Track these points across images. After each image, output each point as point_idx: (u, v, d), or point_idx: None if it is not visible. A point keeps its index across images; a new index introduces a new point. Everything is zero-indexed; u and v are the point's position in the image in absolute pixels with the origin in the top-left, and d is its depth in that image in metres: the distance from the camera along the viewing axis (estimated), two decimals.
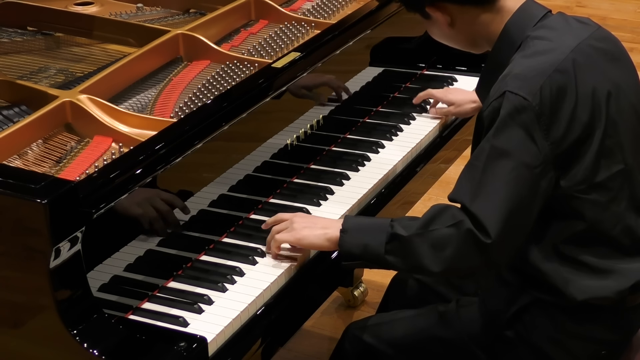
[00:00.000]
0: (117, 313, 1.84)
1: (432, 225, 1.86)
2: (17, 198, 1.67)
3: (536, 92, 1.81)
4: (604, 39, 1.98)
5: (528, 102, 1.80)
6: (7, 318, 1.80)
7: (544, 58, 1.87)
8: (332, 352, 2.25)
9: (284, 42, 2.49)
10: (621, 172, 1.91)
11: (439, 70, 2.91)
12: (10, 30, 2.57)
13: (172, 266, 1.99)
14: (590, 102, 1.86)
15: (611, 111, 1.89)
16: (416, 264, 1.88)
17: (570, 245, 1.91)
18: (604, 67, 1.92)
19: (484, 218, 1.81)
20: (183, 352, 1.73)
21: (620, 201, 1.91)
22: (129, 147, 1.96)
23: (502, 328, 2.01)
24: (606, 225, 1.91)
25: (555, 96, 1.83)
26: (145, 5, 2.73)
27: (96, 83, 2.16)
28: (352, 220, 1.98)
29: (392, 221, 1.92)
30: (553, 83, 1.83)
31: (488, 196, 1.82)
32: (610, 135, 1.88)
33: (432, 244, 1.85)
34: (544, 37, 1.92)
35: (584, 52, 1.90)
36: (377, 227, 1.93)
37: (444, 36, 2.07)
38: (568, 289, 1.92)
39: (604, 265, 1.92)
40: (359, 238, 1.93)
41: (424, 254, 1.86)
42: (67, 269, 1.70)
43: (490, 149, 1.83)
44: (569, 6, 5.91)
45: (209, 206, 2.09)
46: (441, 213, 1.87)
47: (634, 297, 1.95)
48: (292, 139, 2.34)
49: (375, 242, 1.91)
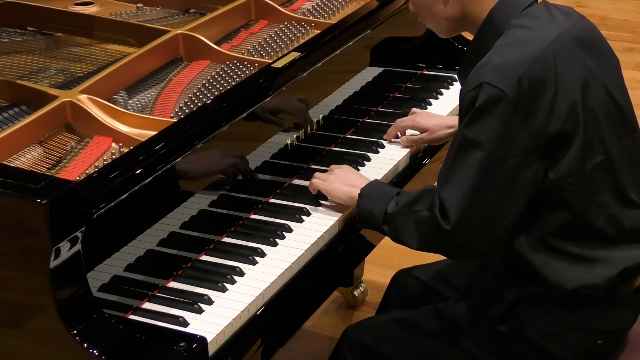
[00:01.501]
0: (117, 313, 1.84)
1: (415, 205, 1.97)
2: (17, 198, 1.67)
3: (514, 83, 1.82)
4: (585, 30, 1.97)
5: (504, 94, 1.81)
6: (7, 318, 1.80)
7: (524, 48, 1.87)
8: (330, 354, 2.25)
9: (284, 42, 2.49)
10: (603, 162, 1.91)
11: (439, 70, 2.91)
12: (10, 30, 2.57)
13: (172, 266, 1.99)
14: (570, 92, 1.86)
15: (590, 102, 1.89)
16: (400, 238, 2.01)
17: (557, 237, 1.92)
18: (584, 58, 1.92)
19: (448, 205, 1.89)
20: (183, 352, 1.73)
21: (603, 192, 1.92)
22: (129, 147, 1.96)
23: (496, 324, 2.02)
24: (591, 216, 1.92)
25: (534, 87, 1.83)
26: (145, 5, 2.73)
27: (96, 83, 2.16)
28: (371, 185, 2.12)
29: (397, 194, 2.04)
30: (532, 74, 1.83)
31: (454, 184, 1.88)
32: (590, 126, 1.89)
33: (412, 223, 1.96)
34: (526, 26, 1.92)
35: (565, 43, 1.90)
36: (384, 197, 2.05)
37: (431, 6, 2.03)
38: (557, 278, 1.92)
39: (590, 255, 1.93)
40: (368, 204, 2.07)
41: (405, 231, 1.99)
42: (67, 269, 1.70)
43: (462, 139, 1.87)
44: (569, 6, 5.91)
45: (209, 206, 2.10)
46: (425, 195, 1.96)
47: (626, 286, 1.96)
48: (292, 139, 2.34)
49: (378, 211, 2.04)
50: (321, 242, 2.11)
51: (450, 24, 2.04)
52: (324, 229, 2.13)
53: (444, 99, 2.76)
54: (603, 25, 5.62)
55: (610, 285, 1.93)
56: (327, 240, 2.13)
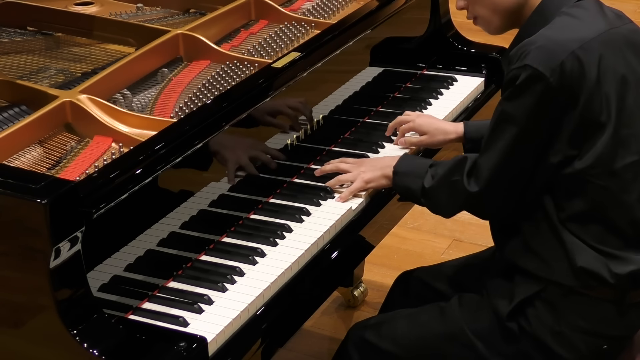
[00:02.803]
0: (117, 313, 1.84)
1: (451, 175, 2.05)
2: (17, 198, 1.67)
3: (556, 67, 1.85)
4: (635, 32, 2.00)
5: (545, 77, 1.85)
6: (7, 318, 1.80)
7: (571, 34, 1.90)
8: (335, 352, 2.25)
9: (284, 42, 2.49)
10: (636, 163, 1.93)
11: (439, 70, 2.91)
12: (10, 30, 2.57)
13: (172, 266, 1.99)
14: (611, 86, 1.89)
15: (629, 101, 1.92)
16: (438, 209, 2.13)
17: (577, 224, 1.94)
18: (630, 57, 1.94)
19: (480, 169, 1.98)
20: (183, 352, 1.73)
21: (631, 192, 1.93)
22: (129, 147, 1.96)
23: (504, 321, 2.03)
24: (613, 214, 1.93)
25: (575, 73, 1.86)
26: (145, 5, 2.73)
27: (96, 83, 2.16)
28: (403, 161, 2.19)
29: (430, 166, 2.11)
30: (575, 60, 1.86)
31: (489, 153, 1.97)
32: (626, 124, 1.91)
33: (449, 192, 2.06)
34: (576, 15, 1.95)
35: (612, 38, 1.93)
36: (418, 171, 2.13)
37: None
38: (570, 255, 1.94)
39: (605, 249, 1.94)
40: (404, 181, 2.16)
41: (443, 202, 2.10)
42: (67, 269, 1.70)
43: (501, 113, 1.94)
44: None
45: (209, 206, 2.10)
46: (459, 164, 2.05)
47: (635, 293, 1.96)
48: (292, 139, 2.34)
49: (415, 187, 2.13)
50: (321, 242, 2.11)
51: (505, 17, 2.05)
52: (324, 229, 2.13)
53: (444, 99, 2.76)
54: None
55: (618, 285, 1.93)
56: (327, 241, 2.13)
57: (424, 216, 3.55)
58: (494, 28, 2.10)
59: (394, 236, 3.04)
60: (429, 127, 2.45)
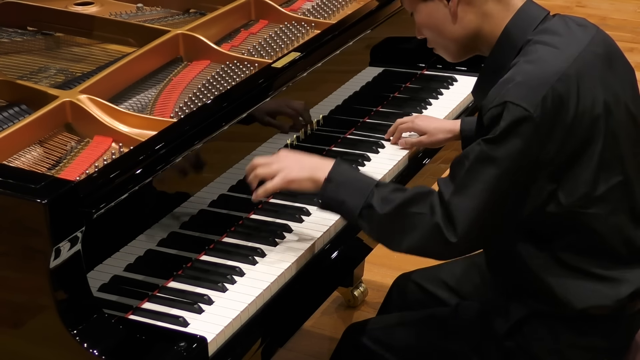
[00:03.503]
0: (117, 313, 1.84)
1: (409, 207, 1.88)
2: (17, 198, 1.67)
3: (538, 102, 1.79)
4: (602, 43, 1.95)
5: (529, 114, 1.78)
6: (7, 318, 1.80)
7: (547, 66, 1.84)
8: (332, 352, 2.25)
9: (284, 42, 2.49)
10: (620, 183, 1.89)
11: (439, 70, 2.91)
12: (10, 30, 2.57)
13: (172, 266, 1.99)
14: (590, 114, 1.84)
15: (611, 124, 1.87)
16: (383, 238, 1.95)
17: (570, 253, 1.91)
18: (605, 76, 1.90)
19: (457, 216, 1.83)
20: (183, 352, 1.73)
21: (619, 213, 1.90)
22: (129, 147, 1.96)
23: (501, 338, 2.01)
24: (605, 237, 1.90)
25: (557, 107, 1.81)
26: (145, 5, 2.73)
27: (96, 83, 2.16)
28: (340, 170, 1.98)
29: (376, 186, 1.93)
30: (555, 93, 1.81)
31: (466, 197, 1.83)
32: (610, 147, 1.87)
33: (403, 225, 1.88)
34: (547, 43, 1.89)
35: (586, 61, 1.88)
36: (360, 188, 1.94)
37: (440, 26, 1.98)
38: (567, 297, 1.91)
39: (602, 274, 1.91)
40: (340, 193, 1.95)
41: (392, 233, 1.91)
42: (67, 269, 1.70)
43: (480, 153, 1.82)
44: (569, 6, 5.91)
45: (209, 206, 2.10)
46: (422, 197, 1.89)
47: (633, 304, 1.95)
48: (292, 139, 2.34)
49: (353, 202, 1.93)
50: (321, 242, 2.11)
51: (461, 46, 1.99)
52: (324, 229, 2.13)
53: (444, 99, 2.76)
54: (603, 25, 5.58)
55: (619, 306, 1.92)
56: (327, 241, 2.13)
57: None
58: (452, 57, 2.04)
59: None
60: (428, 126, 2.44)
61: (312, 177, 1.98)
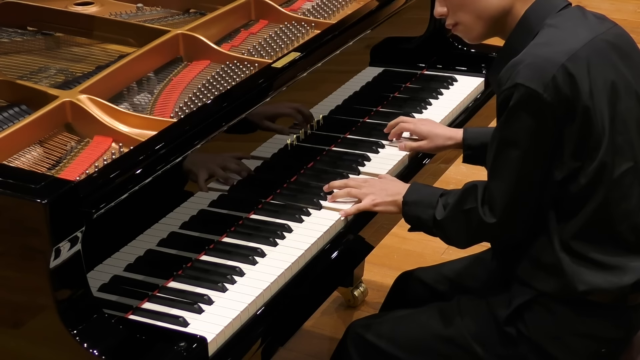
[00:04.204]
0: (117, 313, 1.84)
1: (462, 205, 2.00)
2: (17, 198, 1.67)
3: (548, 82, 1.83)
4: (619, 36, 1.98)
5: (539, 94, 1.82)
6: (7, 318, 1.80)
7: (558, 47, 1.87)
8: (333, 350, 2.25)
9: (284, 42, 2.49)
10: (632, 169, 1.92)
11: (439, 70, 2.91)
12: (10, 30, 2.57)
13: (172, 266, 1.99)
14: (602, 95, 1.87)
15: (621, 107, 1.90)
16: (451, 240, 2.08)
17: (580, 240, 1.93)
18: (617, 63, 1.92)
19: (494, 197, 1.94)
20: (183, 352, 1.73)
21: (630, 198, 1.92)
22: (129, 147, 1.96)
23: (503, 325, 2.02)
24: (614, 222, 1.92)
25: (568, 87, 1.84)
26: (145, 5, 2.73)
27: (96, 83, 2.16)
28: (412, 190, 2.14)
29: (441, 196, 2.07)
30: (565, 73, 1.84)
31: (499, 180, 1.93)
32: (620, 132, 1.90)
33: (462, 223, 2.01)
34: (559, 27, 1.92)
35: (598, 47, 1.91)
36: (429, 202, 2.08)
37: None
38: (571, 279, 1.93)
39: (609, 261, 1.93)
40: (416, 211, 2.10)
41: (456, 233, 2.05)
42: (67, 269, 1.70)
43: (500, 138, 1.91)
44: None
45: (209, 206, 2.09)
46: (469, 192, 2.00)
47: (635, 295, 1.95)
48: (292, 139, 2.34)
49: (425, 216, 2.08)
50: (321, 242, 2.11)
51: (489, 24, 2.00)
52: (324, 229, 2.13)
53: (444, 99, 2.76)
54: None
55: (621, 294, 1.93)
56: (327, 241, 2.13)
57: None
58: (475, 35, 2.05)
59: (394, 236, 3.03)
60: (430, 132, 2.45)
61: (395, 202, 2.15)
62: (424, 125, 2.47)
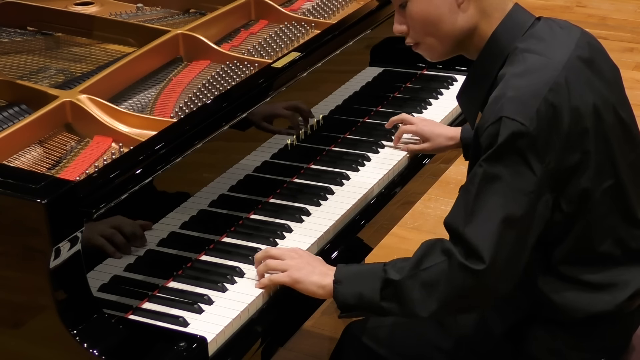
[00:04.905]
0: (117, 313, 1.84)
1: (423, 263, 1.83)
2: (17, 198, 1.67)
3: (533, 115, 1.77)
4: (587, 46, 1.93)
5: (525, 127, 1.76)
6: (7, 318, 1.80)
7: (537, 77, 1.82)
8: (332, 351, 2.25)
9: (284, 42, 2.49)
10: (612, 186, 1.89)
11: (439, 70, 2.91)
12: (10, 30, 2.57)
13: (172, 266, 1.99)
14: (583, 120, 1.83)
15: (601, 127, 1.86)
16: (413, 309, 1.84)
17: (567, 264, 1.90)
18: (593, 80, 1.88)
19: (477, 243, 1.77)
20: (183, 352, 1.73)
21: (612, 214, 1.90)
22: (129, 147, 1.96)
23: (500, 339, 2.01)
24: (600, 240, 1.90)
25: (552, 118, 1.79)
26: (145, 5, 2.73)
27: (96, 83, 2.16)
28: (345, 269, 1.92)
29: (385, 265, 1.87)
30: (548, 104, 1.79)
31: (481, 221, 1.78)
32: (601, 151, 1.86)
33: (424, 283, 1.82)
34: (534, 51, 1.87)
35: (574, 68, 1.86)
36: (371, 273, 1.88)
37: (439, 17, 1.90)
38: (566, 307, 1.91)
39: (600, 280, 1.91)
40: (354, 287, 1.88)
41: (419, 297, 1.82)
42: (67, 269, 1.70)
43: (484, 174, 1.79)
44: (569, 6, 5.91)
45: (209, 206, 2.10)
46: (431, 250, 1.84)
47: (631, 303, 1.94)
48: (292, 139, 2.34)
49: (370, 289, 1.86)
50: (321, 242, 2.11)
51: (453, 42, 1.94)
52: (323, 229, 2.13)
53: (443, 99, 2.76)
54: (603, 25, 5.62)
55: (618, 310, 1.92)
56: (327, 241, 2.13)
57: (424, 216, 3.54)
58: (437, 56, 1.98)
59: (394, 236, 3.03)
60: (431, 132, 2.44)
61: (321, 284, 1.91)
62: (426, 126, 2.46)
